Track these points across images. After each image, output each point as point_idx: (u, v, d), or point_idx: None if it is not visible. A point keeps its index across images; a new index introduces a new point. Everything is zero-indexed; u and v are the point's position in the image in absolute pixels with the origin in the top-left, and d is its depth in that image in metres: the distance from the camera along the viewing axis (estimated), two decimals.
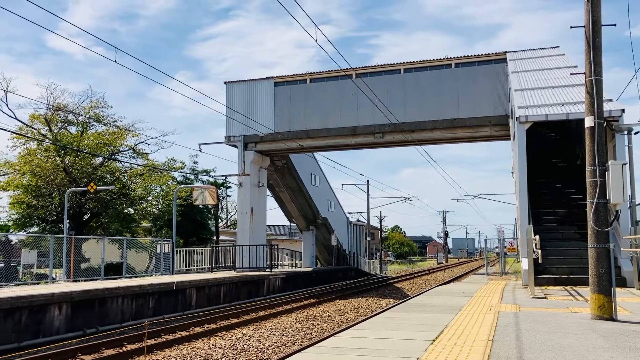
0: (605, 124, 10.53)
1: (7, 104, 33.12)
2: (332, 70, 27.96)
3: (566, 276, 17.32)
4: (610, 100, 17.31)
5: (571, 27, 10.32)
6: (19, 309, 12.57)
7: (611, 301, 9.36)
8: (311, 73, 28.63)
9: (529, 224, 16.58)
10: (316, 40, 14.04)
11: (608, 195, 9.54)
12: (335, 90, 27.76)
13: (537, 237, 13.98)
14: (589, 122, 9.71)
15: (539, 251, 13.78)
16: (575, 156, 24.10)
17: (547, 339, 7.62)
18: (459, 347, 7.15)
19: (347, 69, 25.87)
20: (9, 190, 31.00)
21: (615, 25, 10.02)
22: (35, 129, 31.70)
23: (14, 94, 30.36)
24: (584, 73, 9.91)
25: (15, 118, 31.26)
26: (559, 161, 24.49)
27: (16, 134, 29.77)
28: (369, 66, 27.69)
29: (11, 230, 33.14)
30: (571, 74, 17.54)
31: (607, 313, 9.33)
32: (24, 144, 31.47)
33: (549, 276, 17.43)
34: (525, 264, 15.92)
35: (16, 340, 12.39)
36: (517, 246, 25.47)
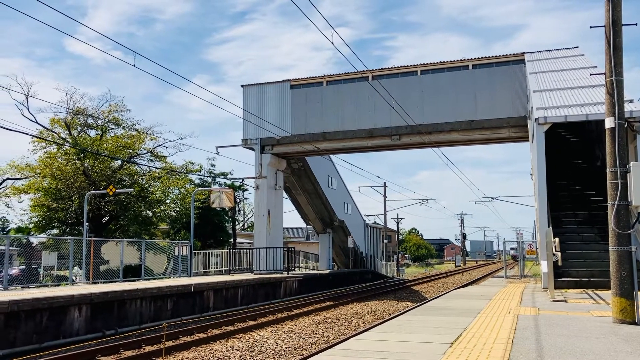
0: (626, 125, 10.39)
1: (28, 108, 33.76)
2: (348, 73, 27.94)
3: (587, 279, 17.09)
4: (631, 101, 17.06)
5: (591, 27, 10.19)
6: (40, 311, 12.73)
7: (633, 305, 9.20)
8: (327, 75, 28.64)
9: (549, 227, 16.40)
10: (332, 43, 14.06)
11: (630, 197, 9.40)
12: (352, 92, 27.73)
13: (557, 239, 13.82)
14: (609, 123, 9.58)
15: (559, 254, 13.61)
16: (595, 158, 23.79)
17: (568, 342, 7.52)
18: (478, 350, 7.08)
19: (363, 71, 25.85)
20: (30, 193, 31.49)
21: (636, 24, 9.88)
22: (56, 133, 32.17)
23: (35, 98, 30.82)
24: (604, 73, 9.78)
25: (36, 122, 31.80)
26: (578, 163, 24.20)
27: (37, 137, 30.21)
28: (385, 68, 27.62)
29: (32, 233, 33.63)
30: (591, 74, 17.29)
31: (629, 317, 9.18)
32: (45, 148, 31.95)
33: (569, 279, 17.21)
34: (544, 266, 15.74)
35: (37, 341, 12.55)
36: (537, 249, 25.21)
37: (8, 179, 33.60)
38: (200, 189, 34.92)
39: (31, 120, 31.66)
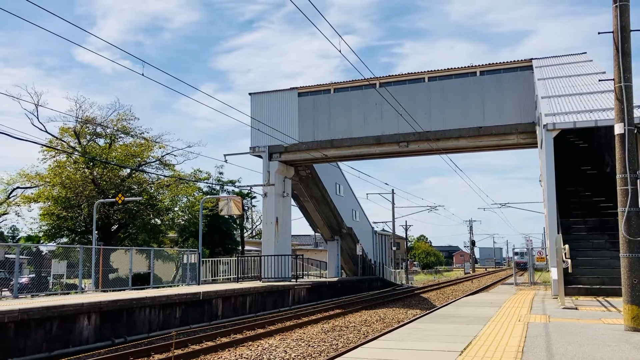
0: (635, 131, 10.33)
1: (37, 118, 33.98)
2: (355, 80, 27.98)
3: (597, 286, 16.95)
4: None
5: (599, 33, 10.16)
6: (50, 319, 12.77)
7: None
8: (335, 83, 28.70)
9: (558, 233, 16.29)
10: (340, 50, 14.09)
11: None
12: (359, 99, 27.76)
13: (567, 246, 13.73)
14: (618, 128, 9.53)
15: (569, 261, 13.52)
16: (604, 164, 23.65)
17: (579, 350, 7.45)
18: (488, 358, 7.03)
19: (370, 78, 25.87)
20: (39, 201, 31.68)
21: None
22: (65, 142, 32.38)
23: (45, 108, 31.08)
24: (613, 79, 9.74)
25: (46, 131, 32.00)
26: (588, 169, 24.06)
27: (46, 146, 30.42)
28: (392, 75, 27.64)
29: (42, 241, 33.80)
30: (599, 80, 17.25)
31: None
32: (54, 157, 32.15)
33: (579, 286, 17.07)
34: (554, 273, 15.64)
35: (47, 349, 12.58)
36: (546, 256, 25.04)
37: (18, 187, 33.87)
38: (208, 196, 34.99)
39: (41, 130, 31.93)
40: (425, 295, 35.56)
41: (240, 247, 41.80)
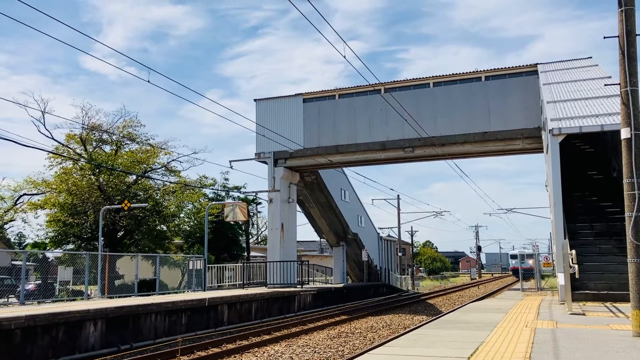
0: None
1: (44, 125, 34.13)
2: (360, 86, 28.01)
3: (605, 292, 16.85)
4: None
5: (604, 38, 10.15)
6: (56, 325, 12.79)
7: None
8: (340, 89, 28.73)
9: (565, 239, 16.22)
10: (344, 56, 14.11)
11: None
12: (364, 105, 27.78)
13: (574, 251, 13.67)
14: (625, 133, 9.50)
15: (576, 266, 13.45)
16: (611, 168, 23.55)
17: (587, 356, 7.40)
18: None
19: (375, 84, 25.88)
20: (46, 208, 31.83)
21: None
22: (71, 149, 32.53)
23: (51, 115, 31.27)
24: (619, 84, 9.72)
25: (52, 138, 32.19)
26: (594, 173, 23.95)
27: (53, 153, 30.58)
28: (397, 81, 27.66)
29: (48, 248, 33.93)
30: (605, 84, 17.18)
31: None
32: (60, 163, 32.32)
33: (586, 292, 16.98)
34: (561, 279, 15.56)
35: (53, 356, 12.59)
36: (553, 261, 24.93)
37: (25, 194, 34.07)
38: (214, 202, 35.04)
39: (47, 137, 32.10)
40: (432, 301, 35.43)
41: (245, 253, 41.77)
